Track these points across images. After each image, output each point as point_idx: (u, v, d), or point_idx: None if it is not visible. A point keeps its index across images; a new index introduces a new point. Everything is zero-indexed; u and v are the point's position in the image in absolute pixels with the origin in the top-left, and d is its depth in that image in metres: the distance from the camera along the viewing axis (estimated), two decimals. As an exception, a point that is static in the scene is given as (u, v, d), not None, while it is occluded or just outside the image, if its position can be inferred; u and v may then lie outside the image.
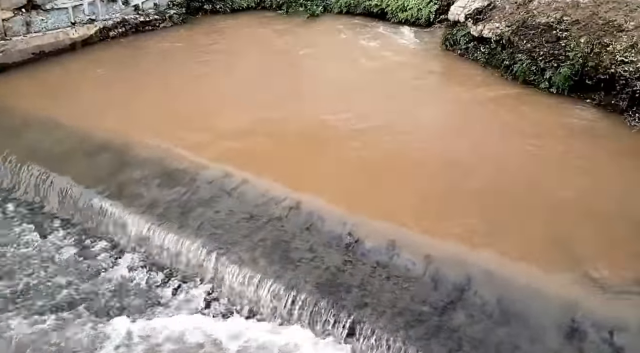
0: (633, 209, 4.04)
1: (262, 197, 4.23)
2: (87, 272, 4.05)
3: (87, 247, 4.30)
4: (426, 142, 5.07)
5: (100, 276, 4.02)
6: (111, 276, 4.02)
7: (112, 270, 4.08)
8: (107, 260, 4.17)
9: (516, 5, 6.24)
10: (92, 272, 4.06)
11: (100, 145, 4.98)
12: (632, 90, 5.17)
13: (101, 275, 4.02)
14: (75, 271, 4.06)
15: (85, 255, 4.22)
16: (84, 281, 3.97)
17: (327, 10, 9.02)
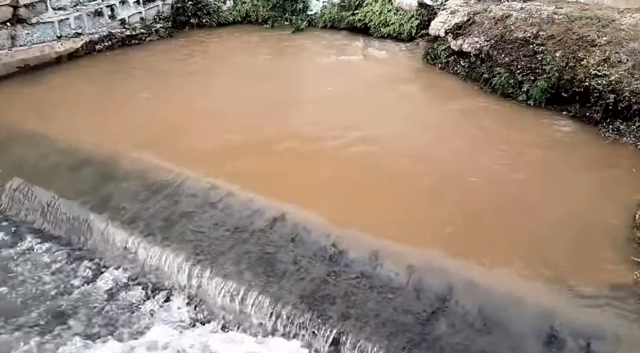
0: (600, 217, 4.17)
1: (247, 210, 4.28)
2: (67, 285, 4.05)
3: (68, 261, 4.30)
4: (407, 152, 5.18)
5: (82, 290, 4.02)
6: (94, 291, 4.02)
7: (94, 284, 4.08)
8: (88, 273, 4.17)
9: (494, 21, 6.41)
10: (73, 285, 4.06)
11: (84, 158, 5.01)
12: (606, 103, 5.35)
13: (82, 289, 4.02)
14: (55, 285, 4.06)
15: (66, 268, 4.22)
16: (65, 295, 3.97)
17: (312, 25, 9.15)
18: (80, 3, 7.12)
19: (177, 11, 8.47)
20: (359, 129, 5.58)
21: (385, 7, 8.34)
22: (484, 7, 6.83)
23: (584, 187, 4.59)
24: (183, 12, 8.51)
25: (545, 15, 6.09)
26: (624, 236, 3.97)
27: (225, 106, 6.09)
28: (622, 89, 5.18)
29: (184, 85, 6.61)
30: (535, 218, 4.18)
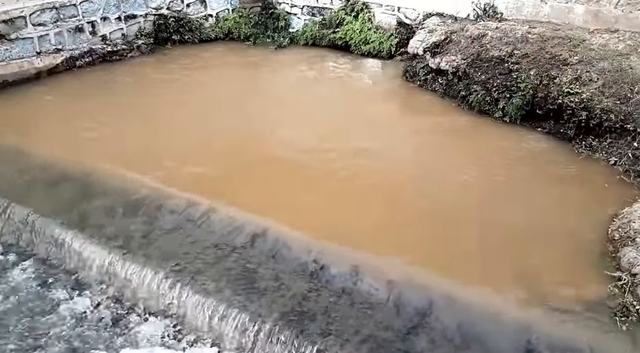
0: (574, 231, 4.28)
1: (228, 226, 4.29)
2: (45, 306, 3.99)
3: (46, 279, 4.24)
4: (384, 167, 5.27)
5: (58, 309, 3.96)
6: (69, 310, 3.97)
7: (70, 303, 4.02)
8: (65, 292, 4.11)
9: (470, 40, 6.57)
10: (51, 305, 4.00)
11: (61, 174, 4.96)
12: (578, 120, 5.50)
13: (59, 309, 3.97)
14: (33, 305, 3.99)
15: (44, 288, 4.16)
16: (43, 315, 3.91)
17: (294, 42, 9.25)
18: (61, 19, 7.09)
19: (159, 27, 8.48)
20: (336, 144, 5.65)
21: (365, 25, 8.48)
22: (460, 26, 7.00)
23: (559, 202, 4.70)
24: (165, 28, 8.52)
25: (520, 34, 6.27)
26: (598, 250, 4.07)
27: (204, 121, 6.10)
28: (593, 107, 5.34)
29: (163, 101, 6.61)
30: (511, 233, 4.27)
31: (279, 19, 9.47)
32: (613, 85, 5.32)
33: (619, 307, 3.45)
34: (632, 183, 4.97)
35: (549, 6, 6.98)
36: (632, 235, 3.97)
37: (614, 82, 5.33)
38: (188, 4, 8.80)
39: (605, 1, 6.57)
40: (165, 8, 8.54)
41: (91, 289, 4.14)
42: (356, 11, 8.58)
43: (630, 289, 3.54)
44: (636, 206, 4.35)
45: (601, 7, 6.62)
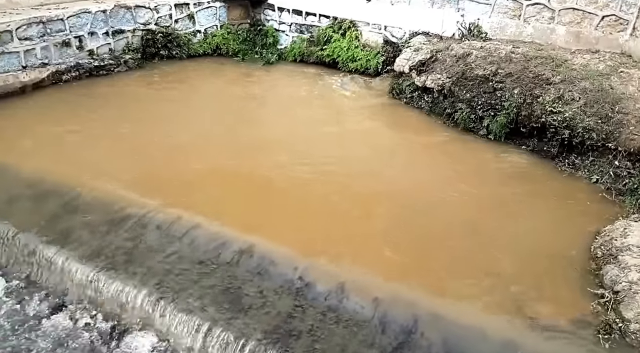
0: (558, 249, 4.31)
1: (213, 242, 4.26)
2: (26, 324, 3.91)
3: (25, 296, 4.17)
4: (369, 183, 5.28)
5: (40, 328, 3.89)
6: (52, 328, 3.90)
7: (53, 321, 3.95)
8: (47, 310, 4.04)
9: (455, 59, 6.67)
10: (32, 323, 3.92)
11: (46, 190, 4.90)
12: (562, 138, 5.59)
13: (41, 327, 3.89)
14: (12, 321, 3.91)
15: (24, 305, 4.09)
16: (23, 334, 3.83)
17: (282, 59, 9.32)
18: (48, 33, 7.06)
19: (146, 43, 8.48)
20: (323, 160, 5.68)
21: (352, 43, 8.58)
22: (445, 45, 7.12)
23: (542, 219, 4.75)
24: (153, 43, 8.53)
25: (504, 54, 6.38)
26: (581, 267, 4.11)
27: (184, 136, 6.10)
28: (575, 125, 5.44)
29: (148, 115, 6.59)
30: (494, 250, 4.29)
31: (267, 36, 9.56)
32: (594, 104, 5.42)
33: (602, 325, 3.47)
34: (613, 201, 5.04)
35: (531, 27, 7.14)
36: (614, 253, 4.01)
37: (595, 101, 5.43)
38: (176, 19, 8.84)
39: (586, 23, 6.74)
40: (154, 23, 8.56)
41: (72, 306, 4.07)
42: (344, 29, 8.68)
43: (613, 307, 3.57)
44: (618, 224, 4.41)
45: (582, 28, 6.78)
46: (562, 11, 6.88)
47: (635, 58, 6.17)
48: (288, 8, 9.32)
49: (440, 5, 7.79)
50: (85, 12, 7.57)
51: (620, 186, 5.12)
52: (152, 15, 8.51)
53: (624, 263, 3.83)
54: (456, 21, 7.60)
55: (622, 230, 4.26)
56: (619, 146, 5.22)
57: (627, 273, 3.72)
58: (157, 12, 8.56)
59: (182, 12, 8.89)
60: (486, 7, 7.41)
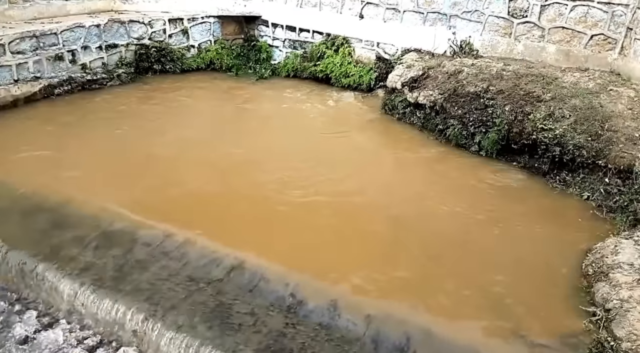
0: (549, 266, 4.33)
1: (204, 258, 4.22)
2: (13, 339, 3.85)
3: (15, 312, 4.11)
4: (362, 199, 5.28)
5: (29, 344, 3.82)
6: (40, 345, 3.83)
7: (41, 337, 3.89)
8: (35, 327, 3.98)
9: (447, 75, 6.73)
10: (19, 340, 3.86)
11: (36, 204, 4.86)
12: (552, 155, 5.63)
13: (30, 344, 3.83)
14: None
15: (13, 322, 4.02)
16: (11, 350, 3.76)
17: (275, 74, 9.37)
18: (41, 47, 7.06)
19: (140, 57, 8.50)
20: (314, 175, 5.67)
21: (345, 59, 8.65)
22: (437, 62, 7.19)
23: (533, 236, 4.76)
24: (146, 58, 8.55)
25: (495, 71, 6.45)
26: (573, 285, 4.11)
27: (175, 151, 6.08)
28: (566, 143, 5.48)
29: (140, 131, 6.57)
30: (485, 267, 4.29)
31: (261, 51, 9.62)
32: (584, 122, 5.48)
33: (593, 343, 3.46)
34: (604, 218, 5.07)
35: (522, 45, 7.24)
36: (605, 271, 4.02)
37: (585, 119, 5.49)
38: (170, 34, 8.88)
39: (576, 41, 6.84)
40: (147, 38, 8.59)
41: (61, 322, 4.01)
42: (337, 45, 8.76)
43: (605, 325, 3.57)
44: (609, 241, 4.42)
45: (572, 47, 6.88)
46: (552, 30, 6.99)
47: (624, 76, 6.26)
48: (282, 24, 9.40)
49: (432, 22, 7.89)
50: (79, 26, 7.59)
51: (611, 203, 5.15)
52: (146, 30, 8.55)
53: (615, 281, 3.84)
54: (448, 38, 7.69)
55: (612, 248, 4.27)
56: (609, 163, 5.26)
57: (618, 291, 3.72)
58: (151, 27, 8.60)
59: (176, 27, 8.93)
60: (477, 25, 7.52)
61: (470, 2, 7.50)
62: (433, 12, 7.84)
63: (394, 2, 8.16)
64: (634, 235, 4.47)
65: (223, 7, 9.41)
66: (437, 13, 7.81)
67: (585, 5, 6.69)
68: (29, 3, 7.61)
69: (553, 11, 6.93)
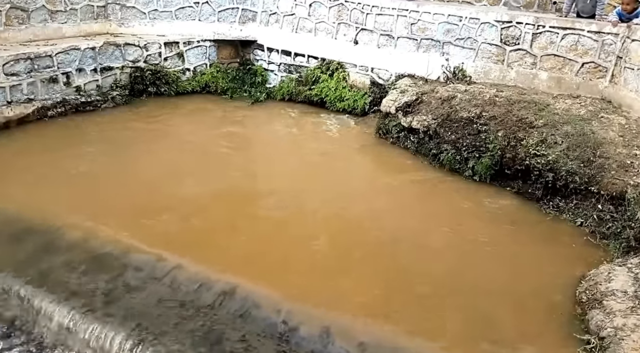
0: (543, 293, 4.30)
1: (195, 283, 4.16)
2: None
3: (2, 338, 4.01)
4: (358, 223, 5.27)
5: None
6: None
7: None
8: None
9: (441, 101, 6.79)
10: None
11: (26, 228, 4.79)
12: (545, 181, 5.65)
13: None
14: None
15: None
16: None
17: (270, 97, 9.42)
18: (35, 69, 7.07)
19: (135, 80, 8.53)
20: (310, 199, 5.66)
21: (340, 83, 8.72)
22: (431, 87, 7.26)
23: (527, 263, 4.74)
24: (141, 80, 8.58)
25: (488, 97, 6.51)
26: (567, 312, 4.08)
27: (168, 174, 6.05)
28: (559, 168, 5.51)
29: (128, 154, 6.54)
30: (479, 294, 4.25)
31: (256, 75, 9.69)
32: (577, 148, 5.52)
33: (589, 372, 3.43)
34: (598, 244, 5.06)
35: (514, 71, 7.33)
36: (599, 298, 3.99)
37: (578, 145, 5.53)
38: (166, 57, 8.93)
39: (567, 69, 6.94)
40: (143, 61, 8.64)
41: (47, 348, 3.91)
42: (331, 70, 8.84)
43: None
44: (602, 268, 4.41)
45: (563, 74, 6.98)
46: (543, 57, 7.09)
47: (615, 104, 6.34)
48: (277, 48, 9.49)
49: (425, 49, 7.99)
50: (75, 49, 7.62)
51: (604, 230, 5.15)
52: (142, 53, 8.60)
53: (608, 309, 3.81)
54: (441, 65, 7.78)
55: (606, 275, 4.26)
56: (602, 190, 5.28)
57: (612, 319, 3.69)
58: (147, 50, 8.65)
59: (171, 50, 8.99)
60: (470, 51, 7.62)
61: (463, 30, 7.62)
62: (426, 39, 7.95)
63: (388, 28, 8.28)
64: (627, 262, 4.47)
65: (219, 31, 9.51)
66: (430, 40, 7.92)
67: (576, 34, 6.81)
68: (24, 25, 7.64)
69: (544, 39, 7.05)
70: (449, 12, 7.75)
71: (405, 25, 8.10)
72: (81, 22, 8.42)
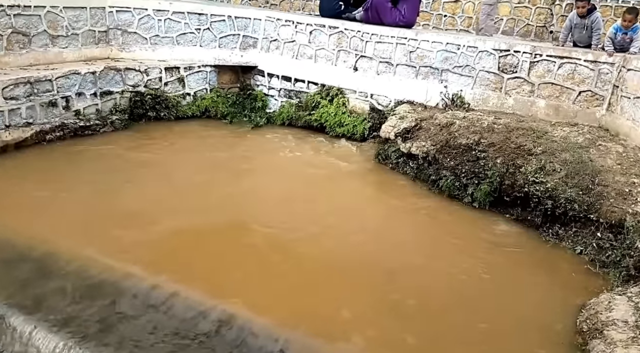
0: (543, 321, 4.25)
1: (191, 311, 4.10)
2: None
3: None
4: (355, 248, 5.23)
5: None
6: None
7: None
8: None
9: (439, 127, 6.83)
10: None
11: (19, 253, 4.73)
12: (545, 208, 5.63)
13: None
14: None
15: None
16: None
17: (270, 122, 9.45)
18: (35, 94, 7.08)
19: (135, 104, 8.55)
20: (309, 224, 5.62)
21: (339, 109, 8.77)
22: (430, 114, 7.31)
23: (526, 291, 4.70)
24: (141, 105, 8.59)
25: (486, 124, 6.55)
26: (568, 342, 4.03)
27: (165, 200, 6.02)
28: (558, 196, 5.50)
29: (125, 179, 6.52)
30: (478, 323, 4.19)
31: (256, 100, 9.74)
32: (575, 176, 5.52)
33: (592, 406, 3.35)
34: (597, 273, 5.03)
35: (513, 99, 7.39)
36: (600, 328, 3.94)
37: (576, 173, 5.54)
38: (166, 82, 8.99)
39: (565, 97, 7.01)
40: (143, 86, 8.68)
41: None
42: (331, 96, 8.90)
43: (603, 386, 3.46)
44: (602, 297, 4.36)
45: (561, 102, 7.04)
46: (541, 85, 7.16)
47: (612, 132, 6.38)
48: (277, 74, 9.58)
49: (424, 76, 8.07)
50: (75, 73, 7.66)
51: (604, 258, 5.11)
52: (142, 78, 8.66)
53: (609, 339, 3.76)
54: (440, 92, 7.85)
55: (606, 304, 4.21)
56: (601, 218, 5.27)
57: (613, 349, 3.63)
58: (147, 75, 8.71)
59: (172, 75, 9.06)
60: (468, 79, 7.70)
61: (461, 57, 7.71)
62: (425, 66, 8.04)
63: (387, 55, 8.37)
64: (628, 291, 4.43)
65: (220, 57, 9.61)
66: (429, 67, 8.01)
67: (573, 63, 6.90)
68: (25, 50, 7.69)
69: (542, 68, 7.14)
70: (447, 41, 7.86)
71: (404, 53, 8.21)
72: (82, 46, 8.49)
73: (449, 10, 12.97)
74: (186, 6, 9.50)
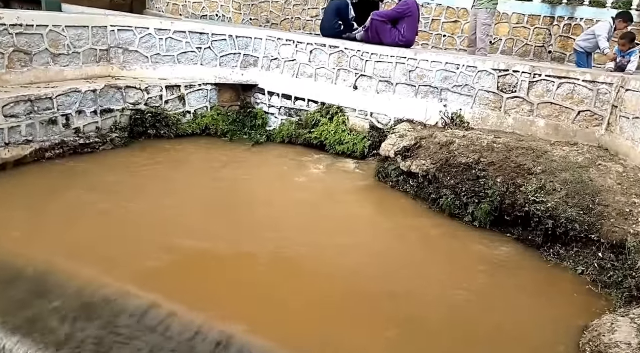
0: (545, 343, 4.20)
1: (189, 332, 4.04)
2: None
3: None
4: (355, 269, 5.17)
5: None
6: None
7: None
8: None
9: (439, 146, 6.83)
10: None
11: (15, 273, 4.67)
12: (545, 228, 5.60)
13: None
14: None
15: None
16: None
17: (271, 140, 9.47)
18: (35, 112, 7.08)
19: (135, 122, 8.56)
20: (309, 243, 5.58)
21: (339, 127, 8.79)
22: (429, 133, 7.31)
23: (528, 312, 4.65)
24: (141, 123, 8.60)
25: (486, 143, 6.55)
26: (571, 365, 3.97)
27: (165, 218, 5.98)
28: (558, 216, 5.47)
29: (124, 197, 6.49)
30: (478, 344, 4.14)
31: (256, 118, 9.78)
32: (576, 195, 5.50)
33: None
34: (600, 293, 4.97)
35: (512, 118, 7.41)
36: (603, 350, 3.88)
37: (577, 193, 5.52)
38: (167, 100, 9.02)
39: (564, 117, 7.02)
40: (144, 104, 8.71)
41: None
42: (331, 114, 8.93)
43: (608, 412, 3.39)
44: (605, 319, 4.30)
45: (561, 122, 7.06)
46: (540, 105, 7.19)
47: (612, 152, 6.38)
48: (278, 93, 9.62)
49: (423, 95, 8.11)
50: (75, 91, 7.68)
51: (606, 279, 5.06)
52: (143, 96, 8.69)
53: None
54: (439, 111, 7.87)
55: (609, 326, 4.15)
56: (602, 238, 5.23)
57: (618, 373, 3.58)
58: (148, 93, 8.75)
59: (173, 93, 9.10)
60: (468, 98, 7.73)
61: (460, 77, 7.76)
62: (425, 86, 8.08)
63: (387, 75, 8.42)
64: (630, 313, 4.37)
65: (221, 76, 9.66)
66: (428, 86, 8.05)
67: (572, 83, 6.93)
68: (27, 68, 7.72)
69: (541, 87, 7.17)
70: (447, 60, 7.91)
71: (403, 72, 8.25)
72: (83, 65, 8.54)
73: (448, 31, 13.10)
74: (188, 25, 9.61)
